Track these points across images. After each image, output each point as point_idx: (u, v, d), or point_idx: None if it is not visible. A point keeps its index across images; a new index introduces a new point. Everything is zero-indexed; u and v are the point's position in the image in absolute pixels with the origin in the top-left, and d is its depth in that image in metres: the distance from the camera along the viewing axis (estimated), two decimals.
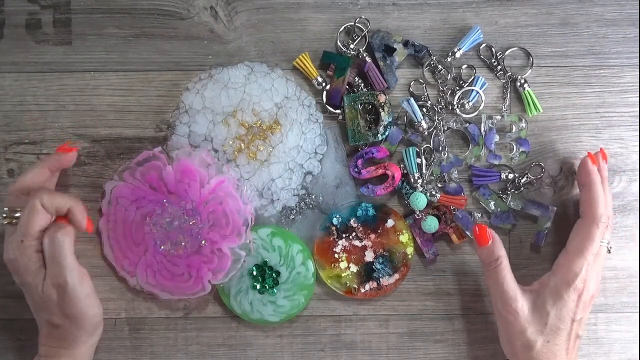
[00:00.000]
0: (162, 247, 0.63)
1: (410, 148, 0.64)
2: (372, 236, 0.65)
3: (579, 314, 0.60)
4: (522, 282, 0.62)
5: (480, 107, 0.66)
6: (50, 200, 0.58)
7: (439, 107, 0.66)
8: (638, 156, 0.66)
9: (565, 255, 0.61)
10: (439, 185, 0.66)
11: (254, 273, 0.65)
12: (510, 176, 0.65)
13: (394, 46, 0.65)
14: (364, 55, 0.65)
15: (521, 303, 0.60)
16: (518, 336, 0.60)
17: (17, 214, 0.59)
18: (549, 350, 0.59)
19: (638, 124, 0.66)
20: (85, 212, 0.60)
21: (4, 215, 0.59)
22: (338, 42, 0.66)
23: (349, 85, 0.66)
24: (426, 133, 0.65)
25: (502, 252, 0.60)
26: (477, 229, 0.61)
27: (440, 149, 0.65)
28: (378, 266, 0.65)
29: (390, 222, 0.65)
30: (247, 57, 0.66)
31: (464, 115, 0.66)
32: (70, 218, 0.59)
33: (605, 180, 0.63)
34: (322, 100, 0.66)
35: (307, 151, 0.65)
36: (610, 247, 0.62)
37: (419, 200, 0.64)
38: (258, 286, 0.65)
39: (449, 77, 0.66)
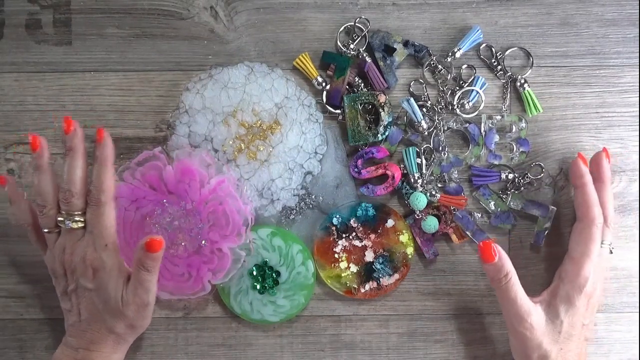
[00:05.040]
0: None
1: (410, 148, 0.64)
2: (372, 236, 0.65)
3: (587, 318, 0.60)
4: (522, 282, 0.62)
5: (480, 107, 0.66)
6: (111, 191, 0.59)
7: (439, 107, 0.66)
8: (638, 156, 0.66)
9: (572, 261, 0.60)
10: (439, 185, 0.66)
11: (254, 273, 0.65)
12: (510, 176, 0.65)
13: (394, 46, 0.65)
14: (364, 55, 0.65)
15: (536, 317, 0.59)
16: (535, 349, 0.59)
17: (78, 218, 0.58)
18: (562, 357, 0.59)
19: (638, 124, 0.66)
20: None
21: (72, 220, 0.58)
22: (338, 42, 0.66)
23: (349, 85, 0.66)
24: (426, 133, 0.65)
25: (510, 267, 0.59)
26: (481, 245, 0.59)
27: (440, 149, 0.65)
28: (378, 266, 0.65)
29: (390, 222, 0.65)
30: (247, 57, 0.66)
31: (464, 115, 0.66)
32: None
33: (609, 180, 0.62)
34: (322, 100, 0.66)
35: (307, 151, 0.65)
36: (612, 248, 0.62)
37: (419, 200, 0.64)
38: (258, 286, 0.65)
39: (449, 77, 0.66)
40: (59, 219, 0.59)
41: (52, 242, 0.60)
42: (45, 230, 0.60)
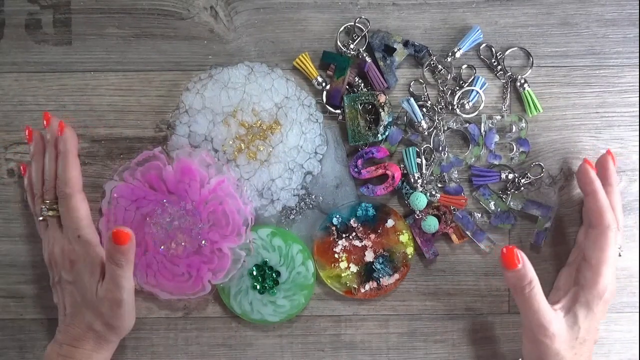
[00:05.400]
0: (162, 247, 0.63)
1: (410, 148, 0.64)
2: (372, 236, 0.65)
3: (600, 322, 0.60)
4: None
5: (480, 107, 0.66)
6: (76, 183, 0.60)
7: (439, 107, 0.66)
8: (638, 156, 0.66)
9: (590, 268, 0.59)
10: (439, 185, 0.66)
11: (254, 273, 0.65)
12: (510, 176, 0.65)
13: (394, 46, 0.65)
14: (364, 55, 0.65)
15: (557, 325, 0.58)
16: (553, 357, 0.58)
17: (54, 206, 0.60)
18: None
19: (638, 124, 0.66)
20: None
21: (47, 208, 0.60)
22: (338, 42, 0.66)
23: (349, 85, 0.66)
24: (426, 133, 0.65)
25: (533, 274, 0.57)
26: (504, 250, 0.56)
27: (440, 149, 0.65)
28: (378, 266, 0.65)
29: (390, 222, 0.65)
30: (247, 57, 0.66)
31: (464, 115, 0.66)
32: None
33: (617, 183, 0.62)
34: (322, 100, 0.66)
35: (307, 151, 0.65)
36: (622, 251, 0.61)
37: (419, 200, 0.64)
38: (258, 286, 0.65)
39: (449, 77, 0.66)
40: (41, 207, 0.61)
41: (42, 231, 0.62)
42: (40, 218, 0.62)
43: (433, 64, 0.66)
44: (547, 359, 0.58)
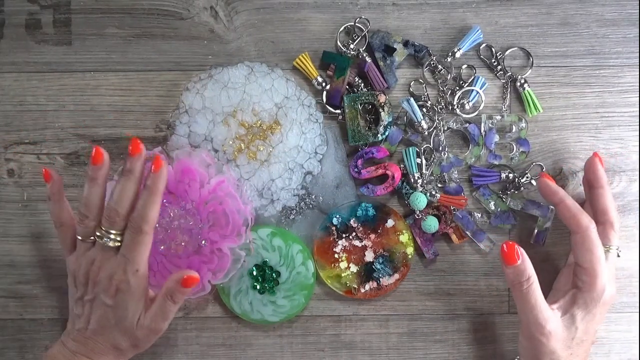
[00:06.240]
0: (162, 247, 0.63)
1: (410, 148, 0.64)
2: (372, 236, 0.65)
3: (600, 324, 0.60)
4: None
5: (480, 107, 0.66)
6: (154, 222, 0.57)
7: (439, 107, 0.66)
8: (638, 156, 0.66)
9: (585, 271, 0.59)
10: (439, 185, 0.66)
11: (254, 273, 0.65)
12: (510, 176, 0.65)
13: (394, 46, 0.65)
14: (364, 55, 0.65)
15: (554, 324, 0.58)
16: (548, 355, 0.58)
17: (113, 236, 0.57)
18: None
19: (638, 124, 0.66)
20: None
21: (110, 238, 0.58)
22: (338, 42, 0.66)
23: (349, 85, 0.66)
24: (426, 133, 0.65)
25: (532, 271, 0.58)
26: (504, 246, 0.57)
27: (440, 149, 0.65)
28: (378, 266, 0.65)
29: (390, 222, 0.65)
30: (247, 57, 0.66)
31: (464, 115, 0.66)
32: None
33: (607, 184, 0.62)
34: (322, 100, 0.66)
35: (307, 151, 0.65)
36: (620, 251, 0.61)
37: (419, 200, 0.64)
38: (258, 286, 0.65)
39: (449, 77, 0.66)
40: (98, 233, 0.58)
41: (83, 250, 0.59)
42: (79, 237, 0.59)
43: (433, 64, 0.66)
44: (542, 357, 0.59)
